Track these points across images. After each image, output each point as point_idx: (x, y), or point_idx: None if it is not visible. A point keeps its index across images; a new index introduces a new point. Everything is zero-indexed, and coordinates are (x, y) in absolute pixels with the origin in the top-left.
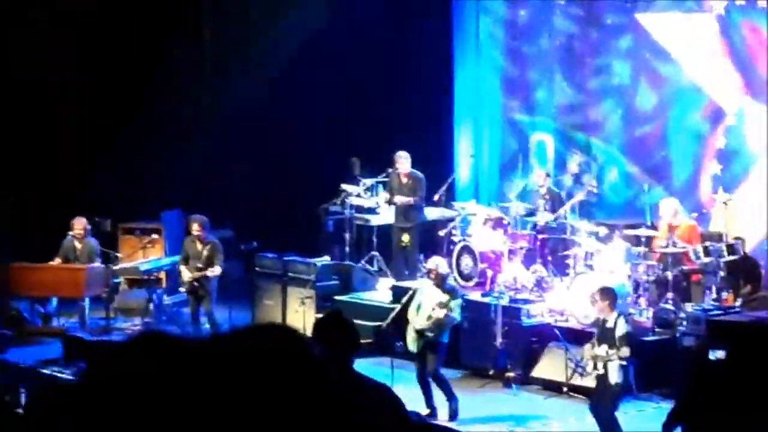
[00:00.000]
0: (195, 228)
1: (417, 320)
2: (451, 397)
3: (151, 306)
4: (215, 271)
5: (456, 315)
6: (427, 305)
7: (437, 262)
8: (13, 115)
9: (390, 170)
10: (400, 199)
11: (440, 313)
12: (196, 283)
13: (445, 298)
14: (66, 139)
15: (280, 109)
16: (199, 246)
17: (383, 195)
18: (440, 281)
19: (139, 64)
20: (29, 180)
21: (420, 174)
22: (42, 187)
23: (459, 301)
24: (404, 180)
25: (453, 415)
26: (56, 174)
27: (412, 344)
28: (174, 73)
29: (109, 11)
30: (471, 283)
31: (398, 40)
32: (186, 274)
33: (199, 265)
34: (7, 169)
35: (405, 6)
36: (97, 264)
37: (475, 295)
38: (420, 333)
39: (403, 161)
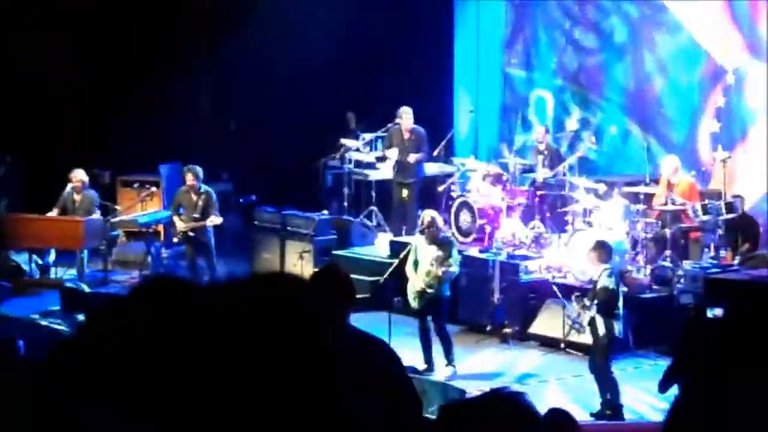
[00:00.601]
0: (189, 178)
1: (416, 278)
2: (449, 355)
3: (149, 258)
4: (215, 220)
5: (454, 269)
6: (425, 262)
7: (431, 216)
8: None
9: (390, 125)
10: (413, 156)
11: (438, 270)
12: (192, 233)
13: (441, 252)
14: (67, 106)
15: (279, 64)
16: (193, 196)
17: (393, 151)
18: (435, 236)
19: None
20: (29, 136)
21: (422, 129)
22: (42, 141)
23: (456, 252)
24: (406, 135)
25: (451, 375)
26: (56, 128)
27: (413, 301)
28: (177, 33)
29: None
30: (469, 239)
31: None
32: (180, 225)
33: (195, 215)
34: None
35: None
36: (96, 216)
37: (473, 251)
38: (421, 292)
39: (407, 117)
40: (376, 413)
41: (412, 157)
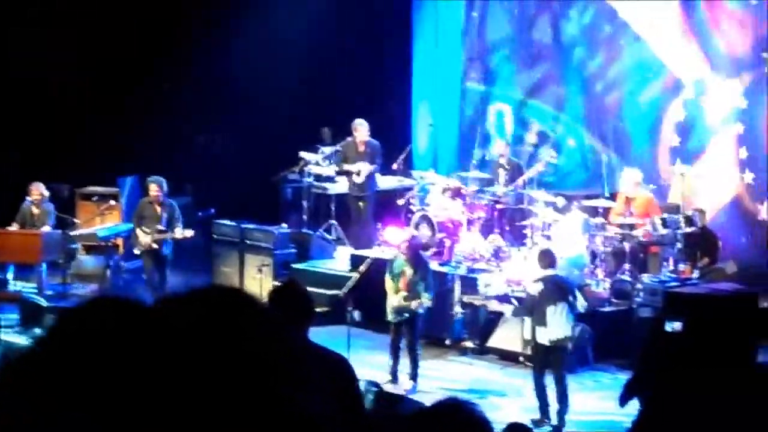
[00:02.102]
0: (153, 189)
1: (393, 297)
2: (414, 371)
3: (108, 272)
4: (186, 233)
5: (426, 303)
6: (402, 280)
7: (413, 235)
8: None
9: (348, 138)
10: (365, 167)
11: (414, 304)
12: (155, 246)
13: (417, 276)
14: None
15: (240, 77)
16: (157, 208)
17: (363, 165)
18: (412, 255)
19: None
20: None
21: (377, 142)
22: (0, 154)
23: (431, 279)
24: (361, 148)
25: (411, 388)
26: (14, 140)
27: (389, 315)
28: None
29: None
30: (429, 253)
31: (358, 8)
32: (144, 237)
33: (159, 227)
34: None
35: None
36: (54, 229)
37: (433, 265)
38: (398, 309)
39: (362, 129)
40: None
41: (364, 168)
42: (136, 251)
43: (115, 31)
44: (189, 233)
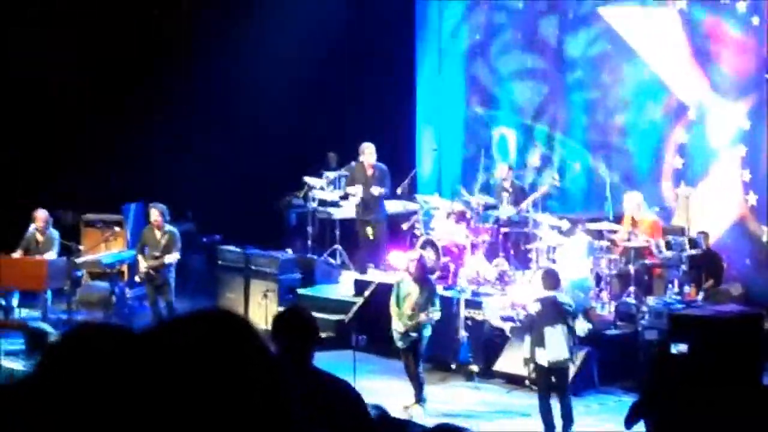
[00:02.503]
0: (154, 215)
1: (399, 319)
2: (419, 396)
3: (113, 299)
4: (171, 257)
5: (437, 316)
6: (408, 302)
7: (419, 254)
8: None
9: (353, 162)
10: (376, 189)
11: (422, 317)
12: (153, 273)
13: (424, 294)
14: (28, 133)
15: (243, 101)
16: (157, 234)
17: (357, 188)
18: (420, 276)
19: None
20: None
21: (384, 166)
22: (4, 180)
23: (437, 297)
24: (369, 171)
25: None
26: (19, 167)
27: (398, 341)
28: (136, 72)
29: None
30: (433, 277)
31: (363, 33)
32: (142, 264)
33: (156, 254)
34: None
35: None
36: (59, 256)
37: (438, 289)
38: (404, 333)
39: (369, 153)
40: None
41: (375, 190)
42: (137, 278)
43: (121, 54)
44: (173, 257)
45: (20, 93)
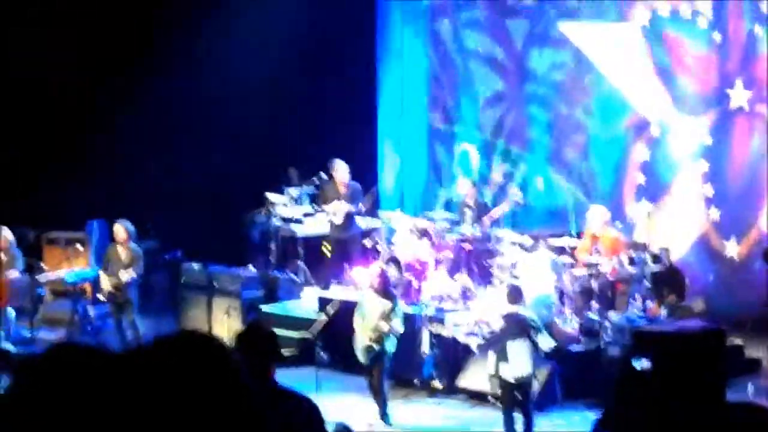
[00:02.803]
0: (120, 231)
1: (362, 333)
2: (383, 412)
3: (76, 317)
4: (125, 274)
5: (400, 327)
6: (371, 316)
7: (381, 269)
8: None
9: (322, 179)
10: (345, 208)
11: (385, 327)
12: (114, 291)
13: (388, 307)
14: None
15: (204, 117)
16: (122, 253)
17: (337, 204)
18: (383, 289)
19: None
20: None
21: (357, 184)
22: None
23: (399, 308)
24: (341, 189)
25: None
26: None
27: (361, 356)
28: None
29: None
30: (396, 293)
31: (324, 51)
32: (105, 281)
33: (119, 272)
34: None
35: (329, 14)
36: (20, 274)
37: (401, 304)
38: (368, 347)
39: (342, 170)
40: None
41: (345, 208)
42: (100, 297)
43: (81, 70)
44: (127, 276)
45: None
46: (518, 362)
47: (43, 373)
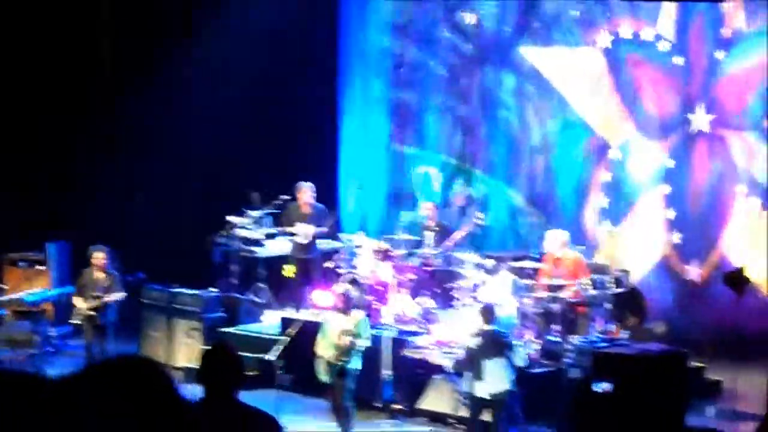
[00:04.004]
0: (100, 257)
1: (324, 351)
2: (346, 430)
3: (37, 338)
4: (116, 295)
5: (363, 341)
6: (333, 334)
7: (344, 288)
8: None
9: (285, 200)
10: (314, 229)
11: (344, 341)
12: (94, 313)
13: (350, 324)
14: None
15: (167, 138)
16: (100, 276)
17: (305, 227)
18: (345, 306)
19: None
20: None
21: (322, 205)
22: None
23: (366, 326)
24: (306, 210)
25: None
26: None
27: (323, 376)
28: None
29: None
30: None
31: (285, 71)
32: (82, 304)
33: (97, 294)
34: None
35: (294, 35)
36: None
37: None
38: (329, 363)
39: (306, 192)
40: None
41: (313, 230)
42: (75, 320)
43: (39, 85)
44: (117, 296)
45: None
46: (494, 379)
47: None
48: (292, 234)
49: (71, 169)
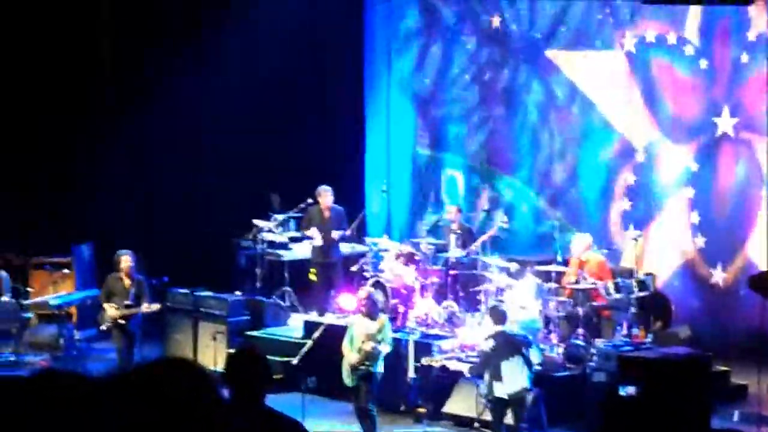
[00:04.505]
0: (125, 261)
1: (350, 355)
2: None
3: (62, 341)
4: (153, 307)
5: (386, 347)
6: (358, 338)
7: (368, 292)
8: None
9: (308, 204)
10: (336, 233)
11: (368, 346)
12: (122, 321)
13: (374, 328)
14: None
15: (191, 144)
16: (126, 282)
17: (315, 231)
18: (370, 311)
19: (44, 94)
20: None
21: (341, 208)
22: None
23: (389, 330)
24: (327, 214)
25: None
26: None
27: (347, 378)
28: (83, 106)
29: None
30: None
31: (311, 73)
32: (112, 312)
33: (128, 303)
34: None
35: (319, 38)
36: (7, 298)
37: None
38: (354, 367)
39: (326, 195)
40: None
41: (336, 234)
42: (104, 327)
43: (64, 92)
44: (156, 307)
45: None
46: (512, 379)
47: (27, 397)
48: (311, 238)
49: (97, 174)
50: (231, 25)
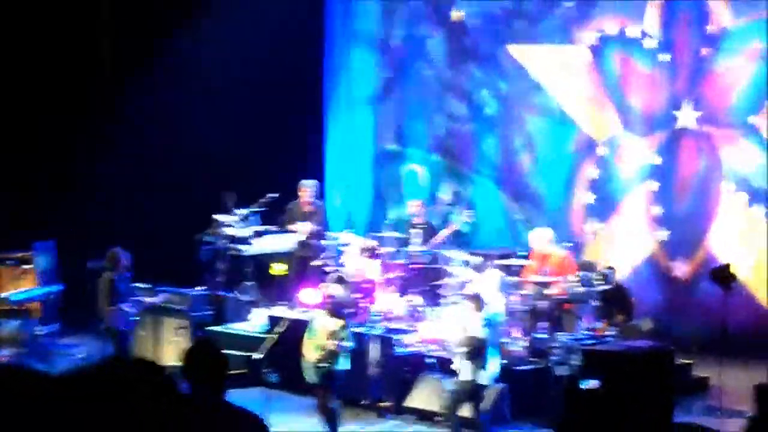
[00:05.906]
0: (124, 260)
1: (310, 352)
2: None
3: (23, 336)
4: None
5: (348, 343)
6: (320, 335)
7: (333, 289)
8: None
9: (272, 198)
10: (309, 226)
11: (331, 344)
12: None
13: (336, 326)
14: None
15: (153, 138)
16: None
17: (305, 225)
18: (335, 311)
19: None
20: None
21: (321, 202)
22: None
23: (348, 329)
24: (306, 208)
25: None
26: None
27: (309, 376)
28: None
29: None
30: (346, 313)
31: (271, 70)
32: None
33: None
34: None
35: (279, 35)
36: None
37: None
38: (314, 364)
39: (307, 191)
40: None
41: (310, 227)
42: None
43: (33, 85)
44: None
45: None
46: (467, 370)
47: None
48: (293, 232)
49: (58, 169)
50: (196, 25)
